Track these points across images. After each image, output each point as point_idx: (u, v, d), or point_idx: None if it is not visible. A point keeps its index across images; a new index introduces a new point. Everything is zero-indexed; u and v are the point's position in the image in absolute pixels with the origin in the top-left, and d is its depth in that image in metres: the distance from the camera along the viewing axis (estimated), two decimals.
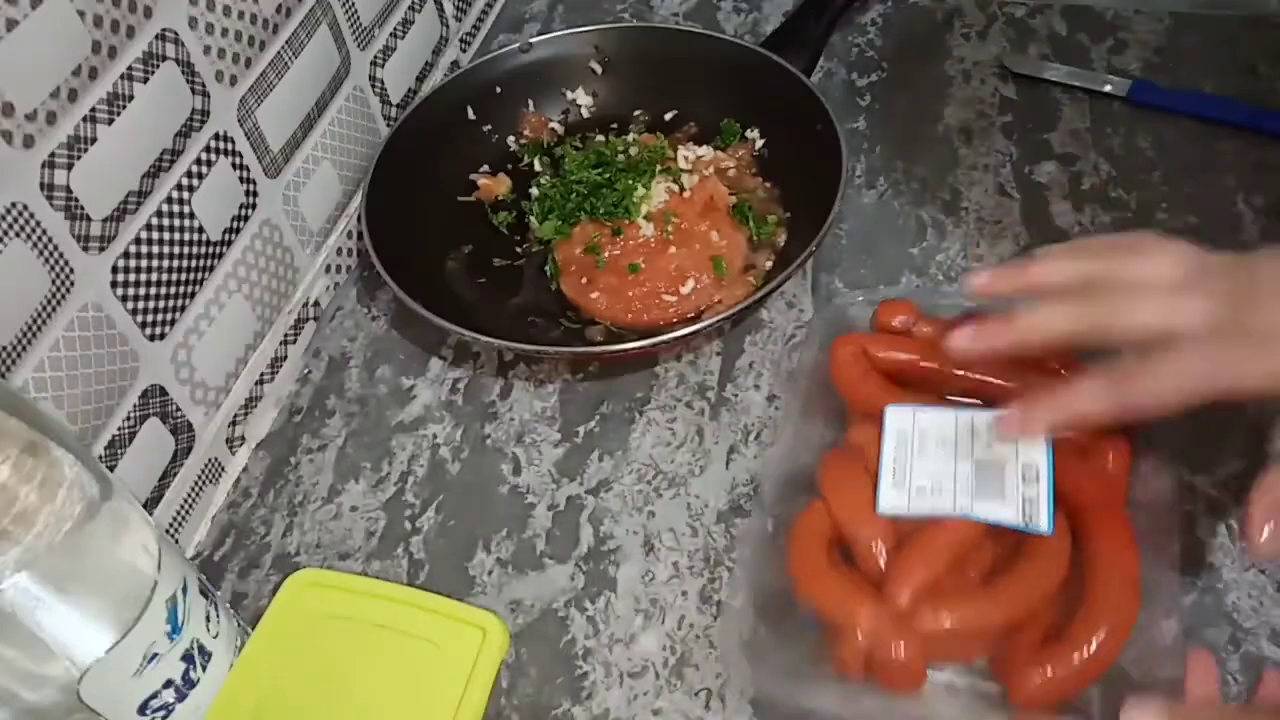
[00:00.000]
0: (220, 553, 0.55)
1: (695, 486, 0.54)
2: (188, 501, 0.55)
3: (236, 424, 0.59)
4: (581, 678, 0.48)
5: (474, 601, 0.50)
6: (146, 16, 0.49)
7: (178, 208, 0.52)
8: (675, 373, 0.59)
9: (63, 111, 0.45)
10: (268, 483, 0.58)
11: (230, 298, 0.57)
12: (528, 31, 0.82)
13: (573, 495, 0.55)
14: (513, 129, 0.73)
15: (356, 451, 0.58)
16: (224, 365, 0.58)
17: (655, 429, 0.57)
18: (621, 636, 0.50)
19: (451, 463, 0.57)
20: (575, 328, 0.61)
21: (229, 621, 0.45)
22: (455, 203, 0.69)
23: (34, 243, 0.44)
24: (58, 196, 0.45)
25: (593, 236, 0.63)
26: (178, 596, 0.40)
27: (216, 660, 0.43)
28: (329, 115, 0.64)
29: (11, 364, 0.44)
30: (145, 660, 0.39)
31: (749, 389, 0.58)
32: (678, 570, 0.51)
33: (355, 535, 0.55)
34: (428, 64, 0.75)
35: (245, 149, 0.57)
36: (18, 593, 0.34)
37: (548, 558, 0.53)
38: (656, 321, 0.60)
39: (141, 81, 0.49)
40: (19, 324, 0.44)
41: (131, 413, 0.51)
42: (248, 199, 0.58)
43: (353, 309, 0.66)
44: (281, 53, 0.59)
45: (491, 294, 0.64)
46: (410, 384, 0.61)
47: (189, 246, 0.53)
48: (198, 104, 0.53)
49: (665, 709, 0.47)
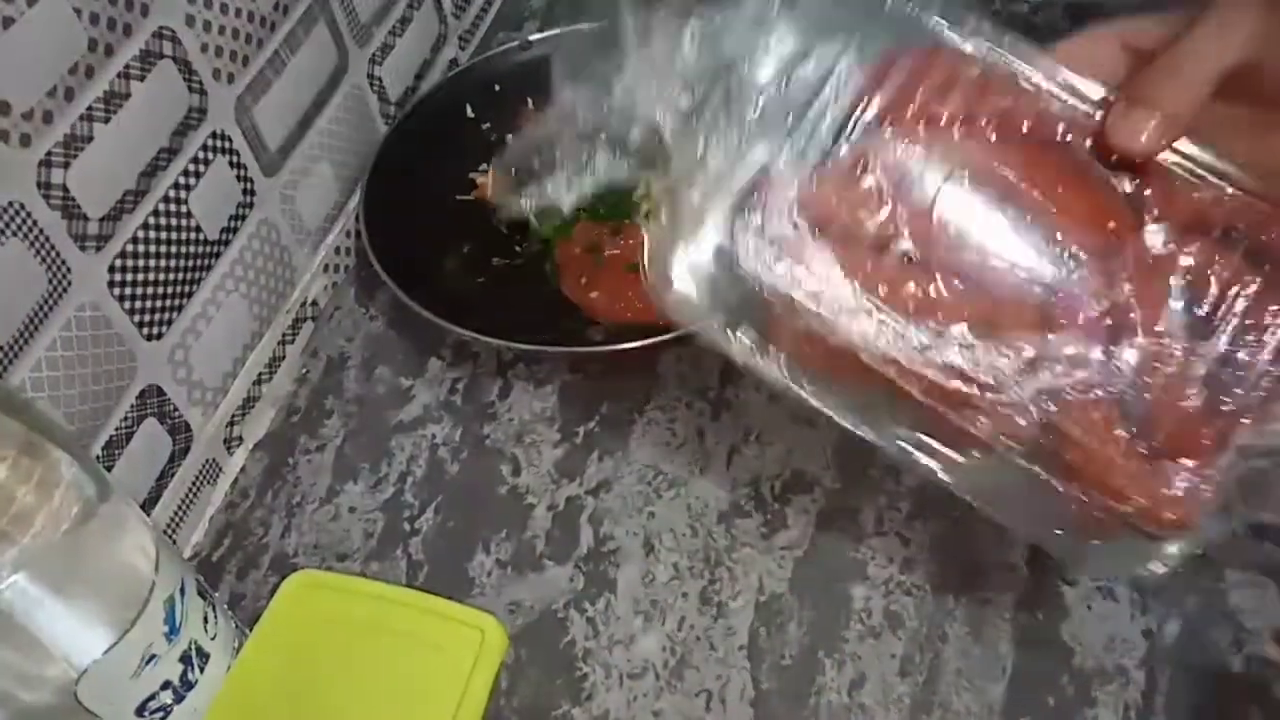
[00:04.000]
0: (218, 553, 0.55)
1: (695, 487, 0.54)
2: (185, 502, 0.55)
3: (234, 424, 0.59)
4: (581, 679, 0.48)
5: (473, 603, 0.50)
6: (144, 14, 0.49)
7: (175, 207, 0.52)
8: (675, 373, 0.59)
9: (59, 110, 0.45)
10: (265, 483, 0.58)
11: (228, 297, 0.57)
12: (527, 29, 0.82)
13: (572, 496, 0.55)
14: (512, 127, 0.72)
15: (355, 452, 0.58)
16: (222, 365, 0.57)
17: (655, 429, 0.57)
18: (621, 638, 0.49)
19: (450, 463, 0.57)
20: (575, 328, 0.61)
21: (227, 622, 0.45)
22: (454, 202, 0.68)
23: (30, 242, 0.44)
24: (54, 195, 0.45)
25: (592, 236, 0.63)
26: (175, 597, 0.40)
27: (214, 661, 0.43)
28: (327, 114, 0.64)
29: (8, 364, 0.44)
30: (143, 661, 0.39)
31: (749, 389, 0.58)
32: (678, 571, 0.51)
33: (354, 536, 0.55)
34: (426, 62, 0.75)
35: (243, 147, 0.57)
36: (15, 594, 0.34)
37: (547, 559, 0.53)
38: (656, 321, 0.60)
39: (139, 80, 0.49)
40: (16, 324, 0.44)
41: (129, 413, 0.51)
42: (245, 198, 0.58)
43: (351, 309, 0.66)
44: (279, 51, 0.59)
45: (491, 294, 0.63)
46: (409, 384, 0.61)
47: (186, 246, 0.53)
48: (195, 102, 0.53)
49: (665, 710, 0.47)
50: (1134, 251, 0.36)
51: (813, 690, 0.47)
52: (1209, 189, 0.36)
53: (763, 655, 0.48)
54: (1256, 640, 0.46)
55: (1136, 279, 0.36)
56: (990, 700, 0.45)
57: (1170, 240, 0.36)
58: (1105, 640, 0.47)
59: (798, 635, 0.48)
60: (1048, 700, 0.45)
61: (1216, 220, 0.36)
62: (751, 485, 0.54)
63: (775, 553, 0.51)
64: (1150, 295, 0.35)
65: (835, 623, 0.49)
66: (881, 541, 0.51)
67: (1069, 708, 0.45)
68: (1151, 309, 0.35)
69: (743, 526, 0.52)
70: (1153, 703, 0.45)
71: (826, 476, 0.53)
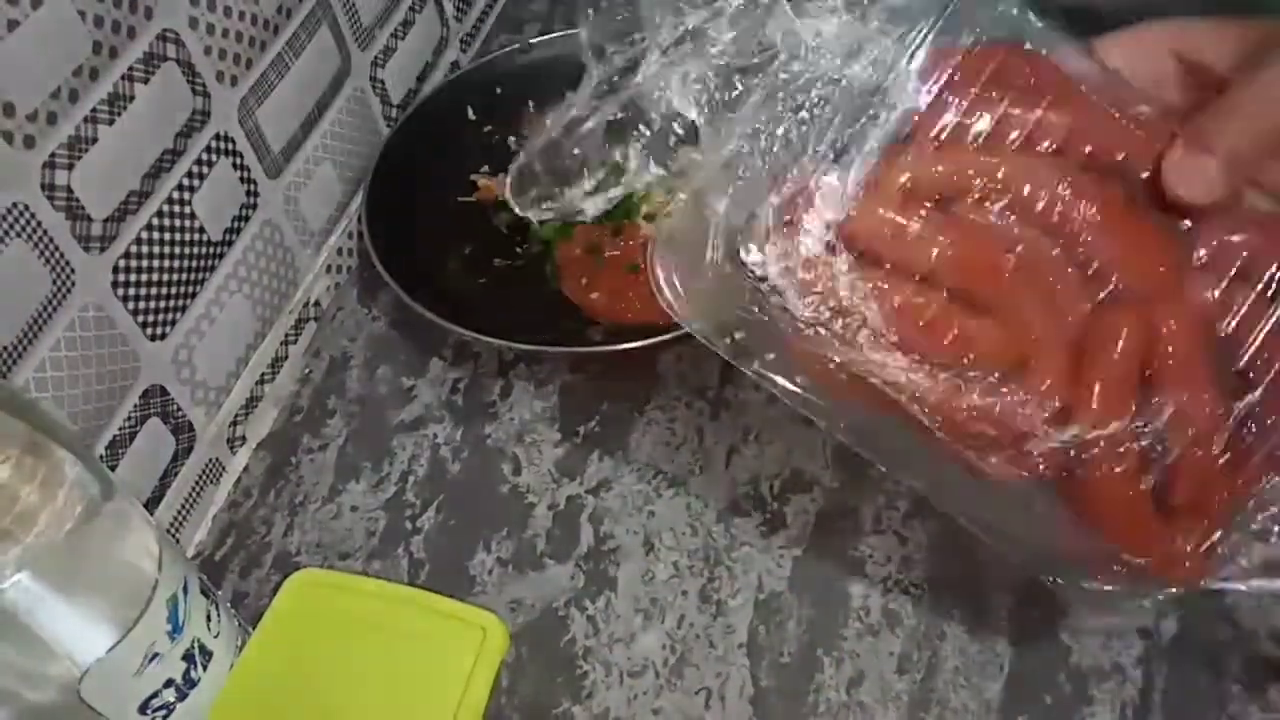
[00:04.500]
0: (221, 552, 0.55)
1: (695, 486, 0.54)
2: (188, 501, 0.55)
3: (237, 424, 0.59)
4: (581, 677, 0.48)
5: (474, 601, 0.50)
6: (147, 17, 0.49)
7: (179, 208, 0.52)
8: (675, 373, 0.59)
9: (63, 112, 0.45)
10: (268, 482, 0.58)
11: (231, 298, 0.57)
12: (528, 32, 0.82)
13: (573, 495, 0.55)
14: (513, 129, 0.72)
15: (357, 451, 0.59)
16: (225, 365, 0.58)
17: (655, 429, 0.57)
18: (621, 636, 0.50)
19: (452, 462, 0.57)
20: (576, 328, 0.61)
21: (230, 621, 0.45)
22: (456, 203, 0.69)
23: (35, 243, 0.44)
24: (59, 197, 0.45)
25: (593, 237, 0.63)
26: (178, 596, 0.40)
27: (217, 660, 0.43)
28: (330, 116, 0.64)
29: (12, 364, 0.44)
30: (146, 660, 0.39)
31: (749, 389, 0.58)
32: (678, 570, 0.51)
33: (356, 535, 0.55)
34: (428, 64, 0.75)
35: (246, 149, 0.57)
36: (19, 592, 0.35)
37: (548, 557, 0.53)
38: (656, 321, 0.60)
39: (142, 82, 0.49)
40: (20, 324, 0.44)
41: (132, 413, 0.51)
42: (248, 199, 0.58)
43: (353, 309, 0.66)
44: (282, 53, 0.59)
45: (492, 294, 0.64)
46: (410, 384, 0.61)
47: (190, 247, 0.54)
48: (198, 104, 0.53)
49: (665, 708, 0.47)
50: (1180, 298, 0.34)
51: (811, 688, 0.47)
52: (1260, 235, 0.34)
53: (762, 653, 0.48)
54: (1254, 640, 0.46)
55: (1178, 328, 0.34)
56: (988, 698, 0.46)
57: (1216, 288, 0.34)
58: (1103, 639, 0.47)
59: (797, 633, 0.49)
60: (1045, 698, 0.45)
61: (1263, 269, 0.34)
62: (751, 484, 0.54)
63: (774, 551, 0.51)
64: (1189, 348, 0.34)
65: (834, 621, 0.49)
66: (880, 540, 0.51)
67: (1066, 706, 0.45)
68: (1189, 363, 0.34)
69: (742, 525, 0.52)
70: (1150, 701, 0.45)
71: (825, 476, 0.54)
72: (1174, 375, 0.34)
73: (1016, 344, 0.34)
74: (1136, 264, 0.34)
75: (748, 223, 0.33)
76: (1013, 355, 0.34)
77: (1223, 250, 0.34)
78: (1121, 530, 0.35)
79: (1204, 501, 0.35)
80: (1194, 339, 0.34)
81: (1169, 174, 0.34)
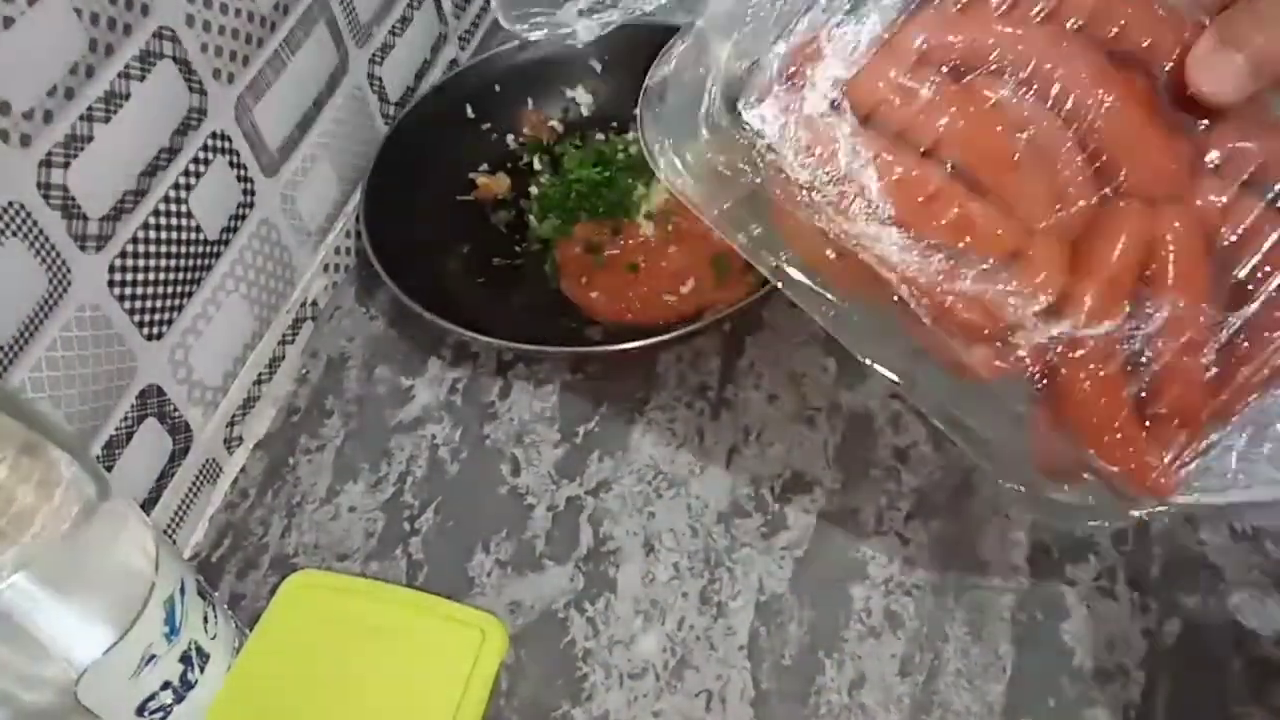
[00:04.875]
0: (218, 553, 0.55)
1: (695, 487, 0.54)
2: (185, 502, 0.55)
3: (234, 424, 0.59)
4: (581, 679, 0.48)
5: (473, 603, 0.50)
6: (144, 14, 0.49)
7: (175, 207, 0.52)
8: (675, 373, 0.59)
9: (59, 110, 0.45)
10: (266, 483, 0.58)
11: (228, 297, 0.57)
12: None
13: (572, 496, 0.55)
14: (512, 127, 0.72)
15: (355, 452, 0.58)
16: (222, 365, 0.57)
17: (655, 429, 0.57)
18: (621, 638, 0.49)
19: (450, 463, 0.57)
20: (575, 328, 0.61)
21: (227, 623, 0.45)
22: (454, 201, 0.69)
23: (30, 242, 0.44)
24: (55, 195, 0.45)
25: (592, 236, 0.63)
26: (175, 597, 0.40)
27: (214, 662, 0.43)
28: (327, 114, 0.64)
29: (8, 364, 0.44)
30: (143, 661, 0.39)
31: (749, 389, 0.58)
32: (678, 571, 0.51)
33: (354, 536, 0.55)
34: (426, 62, 0.75)
35: (243, 147, 0.57)
36: (15, 593, 0.34)
37: (547, 559, 0.52)
38: (656, 321, 0.60)
39: (138, 80, 0.49)
40: (16, 324, 0.44)
41: (129, 413, 0.51)
42: (245, 198, 0.57)
43: (351, 309, 0.66)
44: (279, 50, 0.59)
45: (491, 293, 0.63)
46: (409, 384, 0.61)
47: (186, 246, 0.53)
48: (195, 102, 0.53)
49: (665, 710, 0.47)
50: (1187, 201, 0.33)
51: (813, 690, 0.47)
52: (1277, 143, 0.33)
53: (763, 655, 0.48)
54: (1257, 641, 0.46)
55: (1182, 232, 0.32)
56: (990, 700, 0.45)
57: (1225, 194, 0.33)
58: (1105, 640, 0.47)
59: (798, 635, 0.48)
60: (1048, 700, 0.45)
61: (1275, 179, 0.33)
62: (751, 485, 0.54)
63: (775, 553, 0.51)
64: (1191, 253, 0.32)
65: (835, 623, 0.49)
66: (881, 541, 0.51)
67: (1069, 708, 0.45)
68: (1189, 269, 0.33)
69: (743, 526, 0.52)
70: (1153, 703, 0.45)
71: (826, 476, 0.53)
72: (1172, 280, 0.33)
73: (1016, 231, 0.32)
74: (1148, 161, 0.33)
75: (750, 72, 0.32)
76: (1011, 242, 0.32)
77: (1237, 156, 0.33)
78: (1098, 436, 0.34)
79: (1185, 413, 0.34)
80: (1197, 245, 0.33)
81: (1193, 68, 0.32)
